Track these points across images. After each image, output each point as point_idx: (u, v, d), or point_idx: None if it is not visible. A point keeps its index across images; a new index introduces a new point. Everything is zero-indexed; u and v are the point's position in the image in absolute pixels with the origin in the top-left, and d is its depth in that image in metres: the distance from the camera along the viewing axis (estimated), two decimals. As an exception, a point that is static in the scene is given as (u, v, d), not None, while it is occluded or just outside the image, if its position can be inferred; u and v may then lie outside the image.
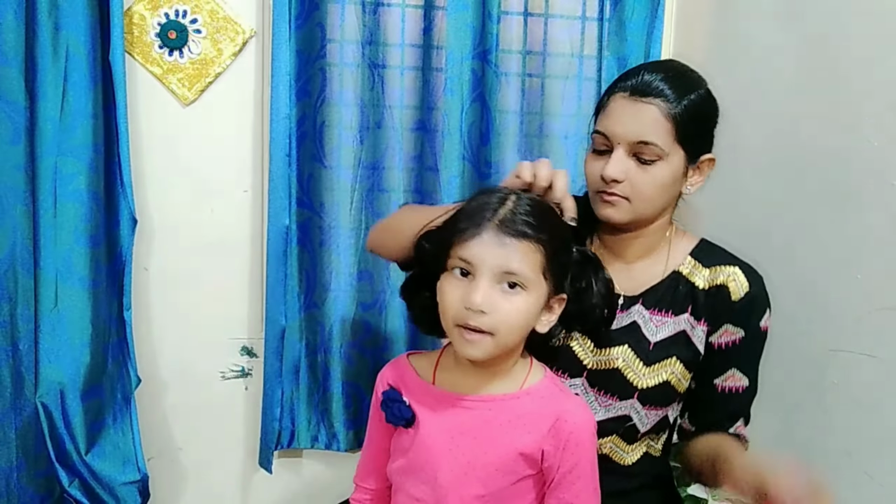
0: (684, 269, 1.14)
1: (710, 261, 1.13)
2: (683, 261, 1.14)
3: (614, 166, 1.05)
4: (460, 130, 1.61)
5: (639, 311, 1.13)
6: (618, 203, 1.08)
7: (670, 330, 1.12)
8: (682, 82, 1.07)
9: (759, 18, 1.44)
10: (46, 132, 1.43)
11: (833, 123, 1.23)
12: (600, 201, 1.09)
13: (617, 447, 1.15)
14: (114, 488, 1.51)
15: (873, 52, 1.15)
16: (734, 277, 1.11)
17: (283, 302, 1.58)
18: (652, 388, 1.11)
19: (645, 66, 1.11)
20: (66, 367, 1.47)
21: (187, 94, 1.59)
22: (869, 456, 1.16)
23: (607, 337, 1.12)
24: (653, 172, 1.06)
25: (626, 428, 1.13)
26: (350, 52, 1.59)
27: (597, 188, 1.09)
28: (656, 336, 1.12)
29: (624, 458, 1.16)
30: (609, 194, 1.07)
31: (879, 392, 1.14)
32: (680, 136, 1.05)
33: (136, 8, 1.55)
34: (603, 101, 1.10)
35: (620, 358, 1.12)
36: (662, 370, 1.11)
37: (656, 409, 1.13)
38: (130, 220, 1.53)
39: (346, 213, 1.62)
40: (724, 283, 1.11)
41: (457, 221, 0.93)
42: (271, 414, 1.60)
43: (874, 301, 1.14)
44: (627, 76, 1.09)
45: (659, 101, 1.04)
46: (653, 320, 1.13)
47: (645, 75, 1.06)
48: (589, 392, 1.14)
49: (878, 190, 1.13)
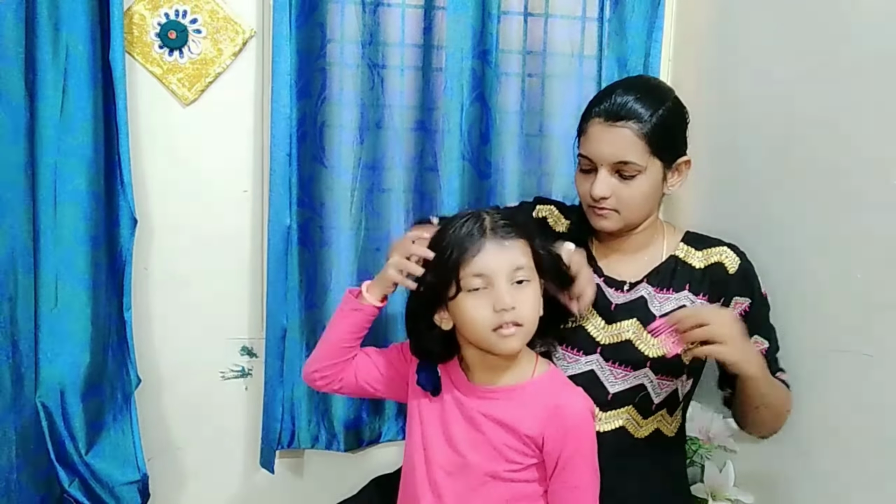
0: (680, 254, 1.29)
1: (700, 245, 1.29)
2: (678, 247, 1.30)
3: (600, 186, 1.20)
4: (460, 130, 1.60)
5: (645, 288, 1.27)
6: (608, 216, 1.23)
7: (673, 304, 1.25)
8: (650, 100, 1.20)
9: (759, 19, 1.44)
10: (46, 132, 1.43)
11: (833, 123, 1.23)
12: (594, 215, 1.25)
13: (633, 419, 1.24)
14: (114, 488, 1.51)
15: (873, 51, 1.15)
16: (726, 255, 1.26)
17: (284, 302, 1.58)
18: (661, 356, 1.22)
19: (615, 87, 1.25)
20: (66, 366, 1.47)
21: (187, 94, 1.59)
22: (869, 456, 1.16)
23: (617, 312, 1.27)
24: (635, 185, 1.20)
25: (641, 398, 1.23)
26: (350, 52, 1.59)
27: (588, 204, 1.24)
28: (661, 310, 1.25)
29: (638, 431, 1.25)
30: (600, 209, 1.23)
31: (879, 392, 1.13)
32: (654, 150, 1.19)
33: (136, 8, 1.55)
34: (582, 126, 1.24)
35: (630, 330, 1.25)
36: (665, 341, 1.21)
37: (668, 379, 1.24)
38: (130, 220, 1.53)
39: (346, 213, 1.62)
40: (719, 260, 1.26)
41: (451, 252, 1.05)
42: (272, 414, 1.60)
43: (874, 301, 1.14)
44: (600, 100, 1.22)
45: (631, 122, 1.18)
46: (657, 297, 1.26)
47: (616, 98, 1.19)
48: (604, 367, 1.24)
49: (878, 190, 1.13)
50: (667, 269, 1.28)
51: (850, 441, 1.19)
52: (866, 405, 1.16)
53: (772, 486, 1.36)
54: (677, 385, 1.26)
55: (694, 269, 1.27)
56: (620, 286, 1.30)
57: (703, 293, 1.26)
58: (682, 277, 1.27)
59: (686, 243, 1.30)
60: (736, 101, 1.49)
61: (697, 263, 1.27)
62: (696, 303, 1.25)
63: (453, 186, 1.61)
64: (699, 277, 1.26)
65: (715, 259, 1.26)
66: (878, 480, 1.14)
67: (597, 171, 1.21)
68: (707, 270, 1.26)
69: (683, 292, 1.26)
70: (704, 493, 1.40)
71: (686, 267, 1.27)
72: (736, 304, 1.25)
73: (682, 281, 1.27)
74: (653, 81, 1.34)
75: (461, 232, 1.06)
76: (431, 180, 1.63)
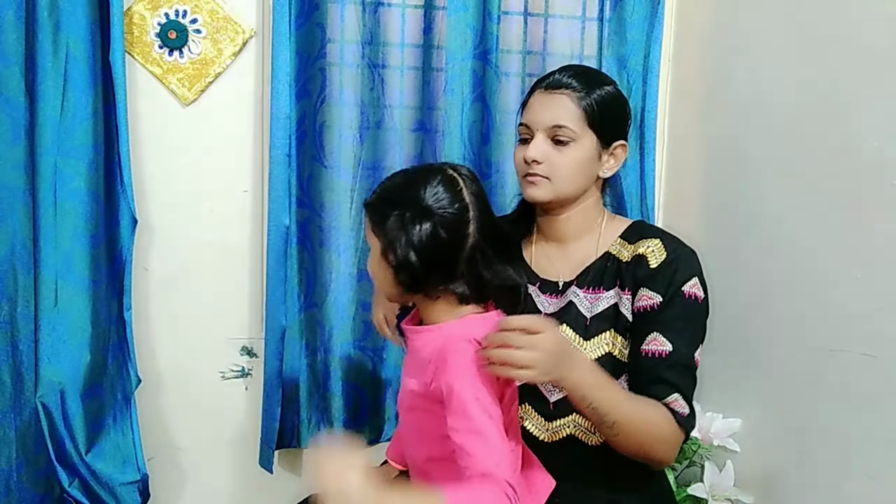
0: (613, 249, 1.25)
1: (635, 237, 1.24)
2: (613, 242, 1.26)
3: (534, 148, 1.21)
4: (460, 130, 1.61)
5: (573, 292, 1.24)
6: (539, 182, 1.22)
7: (603, 305, 1.22)
8: (589, 78, 1.24)
9: (758, 18, 1.44)
10: (46, 132, 1.43)
11: (833, 123, 1.23)
12: (526, 183, 1.24)
13: (580, 426, 1.19)
14: (114, 488, 1.51)
15: (873, 51, 1.15)
16: (652, 248, 1.21)
17: (283, 302, 1.58)
18: (595, 360, 1.17)
19: (560, 68, 1.28)
20: (66, 367, 1.47)
21: (187, 94, 1.59)
22: (869, 456, 1.16)
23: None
24: (568, 153, 1.21)
25: None
26: (350, 52, 1.59)
27: (522, 172, 1.24)
28: (591, 312, 1.22)
29: (590, 438, 1.19)
30: (532, 175, 1.22)
31: (879, 392, 1.13)
32: (590, 122, 1.21)
33: (136, 8, 1.55)
34: (525, 100, 1.27)
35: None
36: (602, 343, 1.20)
37: None
38: (130, 220, 1.53)
39: (346, 213, 1.62)
40: (644, 253, 1.20)
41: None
42: (272, 414, 1.60)
43: (874, 301, 1.14)
44: (545, 77, 1.25)
45: (569, 91, 1.21)
46: (587, 298, 1.23)
47: (557, 74, 1.24)
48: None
49: (878, 190, 1.13)
50: (598, 268, 1.24)
51: (850, 441, 1.19)
52: (866, 405, 1.16)
53: (772, 486, 1.36)
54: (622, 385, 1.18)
55: (621, 263, 1.22)
56: (554, 288, 1.26)
57: (627, 287, 1.20)
58: (612, 274, 1.22)
59: (623, 237, 1.25)
60: (736, 100, 1.49)
61: (625, 256, 1.22)
62: (622, 299, 1.20)
63: (453, 186, 1.61)
64: (624, 271, 1.21)
65: (640, 251, 1.20)
66: (877, 480, 1.14)
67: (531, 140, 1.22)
68: (631, 263, 1.21)
69: (614, 290, 1.22)
70: (704, 493, 1.40)
71: (615, 263, 1.23)
72: (642, 297, 1.18)
73: (612, 278, 1.22)
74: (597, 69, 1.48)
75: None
76: (431, 180, 1.63)
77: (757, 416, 1.40)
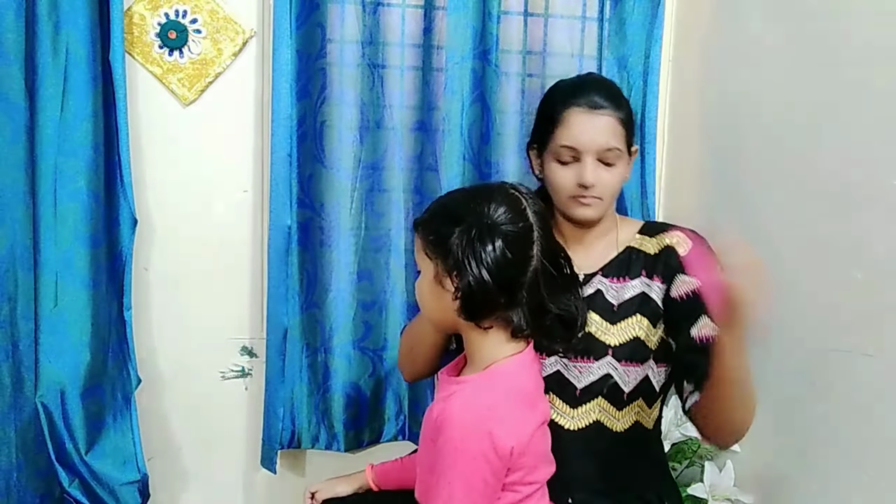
0: (635, 243, 1.28)
1: (655, 231, 1.28)
2: (633, 237, 1.29)
3: (591, 174, 1.20)
4: (460, 130, 1.60)
5: (600, 281, 1.26)
6: (593, 203, 1.22)
7: (631, 292, 1.24)
8: (614, 91, 1.26)
9: (759, 18, 1.44)
10: (46, 132, 1.43)
11: (833, 123, 1.23)
12: (577, 205, 1.23)
13: (606, 411, 1.21)
14: (114, 488, 1.51)
15: (873, 51, 1.15)
16: (678, 238, 1.25)
17: (284, 302, 1.58)
18: (623, 344, 1.20)
19: (587, 82, 1.28)
20: (66, 366, 1.47)
21: (187, 94, 1.59)
22: (869, 456, 1.16)
23: None
24: (615, 171, 1.22)
25: (610, 387, 1.20)
26: (350, 52, 1.59)
27: (571, 194, 1.22)
28: (618, 298, 1.24)
29: (615, 424, 1.22)
30: (585, 197, 1.21)
31: (879, 392, 1.14)
32: (627, 136, 1.24)
33: (136, 8, 1.55)
34: (557, 118, 1.23)
35: (591, 323, 1.21)
36: (629, 328, 1.22)
37: (633, 366, 1.21)
38: (130, 220, 1.53)
39: (347, 213, 1.62)
40: (671, 243, 1.25)
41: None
42: (274, 414, 1.60)
43: (874, 301, 1.14)
44: (576, 93, 1.23)
45: (610, 110, 1.21)
46: (613, 286, 1.26)
47: (593, 95, 1.22)
48: (568, 365, 1.21)
49: (878, 190, 1.13)
50: (623, 260, 1.27)
51: (850, 441, 1.19)
52: (866, 405, 1.16)
53: (772, 486, 1.37)
54: (647, 372, 1.22)
55: (648, 255, 1.26)
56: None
57: (656, 275, 1.25)
58: (637, 264, 1.26)
59: (642, 233, 1.29)
60: (736, 100, 1.49)
61: (651, 249, 1.26)
62: (651, 286, 1.24)
63: (453, 186, 1.60)
64: (653, 261, 1.25)
65: (667, 242, 1.25)
66: (878, 480, 1.14)
67: (575, 161, 1.21)
68: (660, 254, 1.25)
69: (639, 278, 1.25)
70: (704, 493, 1.40)
71: (641, 254, 1.27)
72: (681, 284, 1.21)
73: (637, 267, 1.26)
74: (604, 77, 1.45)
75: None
76: (431, 180, 1.63)
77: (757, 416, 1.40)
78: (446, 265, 0.96)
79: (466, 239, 0.95)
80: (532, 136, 1.31)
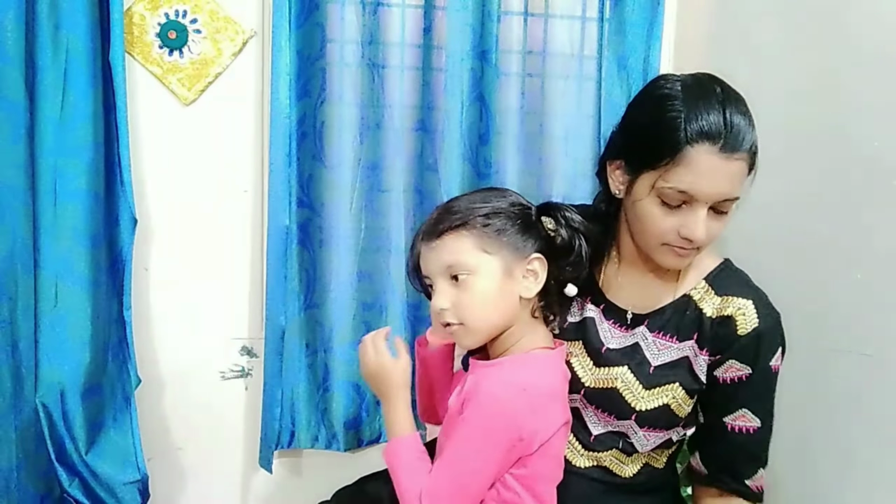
0: (696, 294, 1.10)
1: (723, 289, 1.09)
2: (697, 284, 1.10)
3: (702, 228, 1.00)
4: (460, 130, 1.60)
5: (642, 333, 1.12)
6: (690, 255, 1.05)
7: (673, 355, 1.10)
8: (751, 119, 1.01)
9: (759, 18, 1.44)
10: (46, 132, 1.43)
11: (833, 123, 1.23)
12: (672, 255, 1.04)
13: (617, 459, 1.15)
14: (114, 488, 1.51)
15: (873, 51, 1.15)
16: (744, 311, 1.06)
17: (283, 302, 1.58)
18: (650, 410, 1.09)
19: (725, 103, 0.99)
20: (66, 366, 1.47)
21: (187, 94, 1.59)
22: (869, 456, 1.16)
23: (607, 357, 1.13)
24: (723, 219, 1.03)
25: (625, 444, 1.13)
26: (350, 52, 1.59)
27: (667, 241, 1.03)
28: (658, 359, 1.10)
29: (624, 471, 1.15)
30: (684, 249, 1.03)
31: (879, 392, 1.13)
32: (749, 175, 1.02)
33: (136, 8, 1.55)
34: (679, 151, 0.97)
35: (619, 379, 1.10)
36: (662, 394, 1.09)
37: (656, 432, 1.11)
38: (130, 220, 1.53)
39: (346, 213, 1.62)
40: (733, 314, 1.07)
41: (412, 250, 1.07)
42: (271, 414, 1.60)
43: (874, 301, 1.14)
44: (712, 127, 0.97)
45: (745, 154, 0.98)
46: (656, 343, 1.11)
47: (734, 121, 0.97)
48: (587, 408, 1.14)
49: (878, 190, 1.13)
50: (675, 314, 1.10)
51: (850, 441, 1.19)
52: (866, 405, 1.16)
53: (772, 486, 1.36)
54: (671, 435, 1.13)
55: (704, 316, 1.08)
56: (621, 318, 1.14)
57: (706, 347, 1.09)
58: (690, 324, 1.09)
59: (709, 282, 1.10)
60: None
61: (709, 311, 1.08)
62: (698, 357, 1.09)
63: (453, 186, 1.61)
64: (708, 328, 1.08)
65: (729, 312, 1.07)
66: (878, 480, 1.14)
67: (685, 206, 1.00)
68: (716, 322, 1.07)
69: (689, 342, 1.09)
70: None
71: (697, 312, 1.09)
72: (730, 368, 1.08)
73: (689, 329, 1.09)
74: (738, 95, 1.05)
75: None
76: (431, 180, 1.63)
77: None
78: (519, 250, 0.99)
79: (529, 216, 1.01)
80: (622, 151, 1.07)
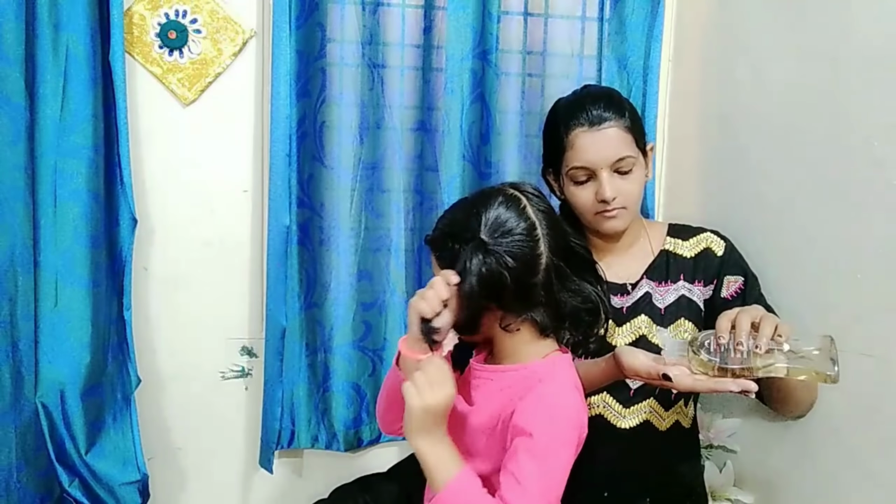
0: (669, 246, 1.35)
1: (686, 234, 1.35)
2: (664, 241, 1.35)
3: (609, 187, 1.23)
4: (460, 130, 1.61)
5: (647, 284, 1.33)
6: (619, 214, 1.26)
7: (673, 296, 1.32)
8: (614, 99, 1.26)
9: (758, 18, 1.43)
10: (46, 132, 1.43)
11: (833, 123, 1.23)
12: (603, 220, 1.27)
13: (655, 411, 1.29)
14: (114, 488, 1.51)
15: (873, 51, 1.15)
16: (711, 239, 1.34)
17: (284, 302, 1.58)
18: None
19: (583, 99, 1.27)
20: (66, 366, 1.47)
21: (187, 94, 1.59)
22: (869, 456, 1.16)
23: (628, 313, 1.31)
24: (633, 178, 1.25)
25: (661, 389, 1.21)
26: (350, 52, 1.59)
27: (595, 210, 1.26)
28: (664, 302, 1.32)
29: (662, 423, 1.30)
30: (609, 211, 1.25)
31: (879, 392, 1.13)
32: (636, 140, 1.26)
33: (136, 8, 1.55)
34: (561, 143, 1.25)
35: (643, 326, 1.31)
36: (676, 331, 1.30)
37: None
38: (130, 220, 1.53)
39: (346, 213, 1.62)
40: (707, 245, 1.33)
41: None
42: (272, 414, 1.60)
43: (874, 301, 1.14)
44: (575, 112, 1.24)
45: (612, 121, 1.23)
46: (658, 290, 1.32)
47: (591, 109, 1.24)
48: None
49: (878, 190, 1.13)
50: (661, 264, 1.33)
51: (850, 441, 1.19)
52: (866, 405, 1.16)
53: (772, 486, 1.36)
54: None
55: (685, 259, 1.33)
56: (622, 290, 1.33)
57: (697, 280, 1.32)
58: (675, 269, 1.33)
59: (672, 236, 1.35)
60: (736, 100, 1.49)
61: (687, 253, 1.34)
62: (692, 290, 1.32)
63: (453, 186, 1.61)
64: (691, 266, 1.33)
65: (703, 245, 1.33)
66: (878, 480, 1.14)
67: (592, 179, 1.24)
68: (698, 258, 1.33)
69: (680, 282, 1.32)
70: (704, 493, 1.40)
71: (677, 258, 1.34)
72: (729, 283, 1.30)
73: (676, 272, 1.33)
74: (601, 87, 1.48)
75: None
76: (431, 180, 1.63)
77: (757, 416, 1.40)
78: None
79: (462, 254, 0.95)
80: (544, 161, 1.34)
